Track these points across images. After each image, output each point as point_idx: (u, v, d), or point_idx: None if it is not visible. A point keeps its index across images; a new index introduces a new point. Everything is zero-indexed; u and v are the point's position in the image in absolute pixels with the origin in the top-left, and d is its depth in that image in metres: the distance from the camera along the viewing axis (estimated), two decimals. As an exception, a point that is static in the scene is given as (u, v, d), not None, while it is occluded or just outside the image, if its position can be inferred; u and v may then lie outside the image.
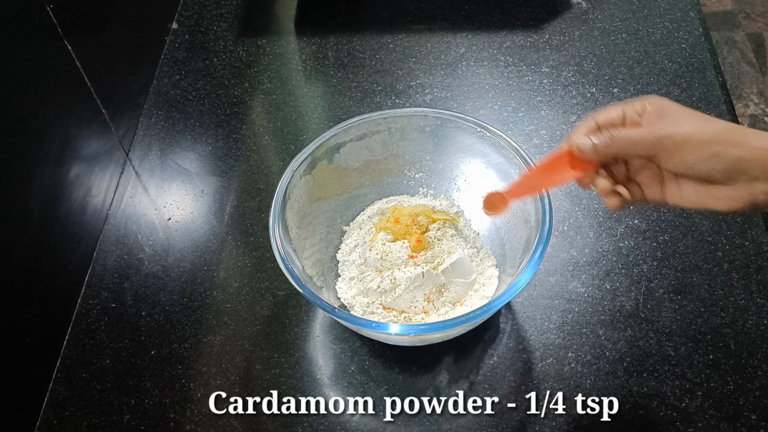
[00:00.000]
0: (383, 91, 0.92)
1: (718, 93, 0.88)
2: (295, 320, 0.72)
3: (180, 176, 0.85)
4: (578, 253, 0.75)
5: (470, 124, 0.71)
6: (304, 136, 0.88)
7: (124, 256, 0.78)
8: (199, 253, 0.78)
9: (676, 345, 0.68)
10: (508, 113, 0.88)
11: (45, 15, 0.69)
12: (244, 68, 0.96)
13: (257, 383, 0.68)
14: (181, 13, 1.03)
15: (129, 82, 0.89)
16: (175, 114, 0.91)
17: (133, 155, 0.87)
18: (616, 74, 0.91)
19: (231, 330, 0.72)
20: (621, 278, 0.73)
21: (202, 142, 0.88)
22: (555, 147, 0.84)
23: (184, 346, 0.71)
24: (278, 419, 0.66)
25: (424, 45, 0.97)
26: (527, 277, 0.60)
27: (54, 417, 0.67)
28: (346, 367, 0.69)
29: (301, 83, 0.95)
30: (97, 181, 0.79)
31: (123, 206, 0.82)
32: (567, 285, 0.73)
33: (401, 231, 0.69)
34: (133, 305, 0.74)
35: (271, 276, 0.75)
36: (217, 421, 0.66)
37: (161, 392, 0.68)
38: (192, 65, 0.96)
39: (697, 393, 0.65)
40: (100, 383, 0.69)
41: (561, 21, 0.98)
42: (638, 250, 0.75)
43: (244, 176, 0.84)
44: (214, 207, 0.82)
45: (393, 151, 0.76)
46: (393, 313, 0.67)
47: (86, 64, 0.75)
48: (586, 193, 0.80)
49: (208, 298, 0.74)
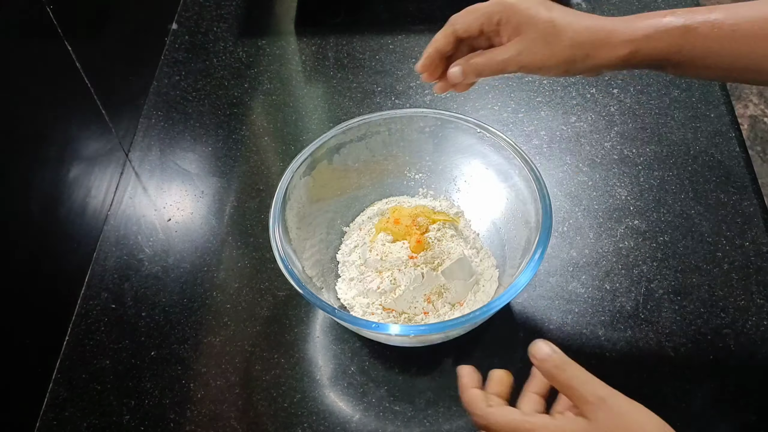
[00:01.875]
0: (383, 91, 0.92)
1: (717, 93, 0.88)
2: (295, 321, 0.72)
3: (180, 177, 0.85)
4: (578, 253, 0.75)
5: (470, 125, 0.71)
6: (304, 137, 0.88)
7: (124, 256, 0.78)
8: (199, 253, 0.78)
9: (676, 346, 0.68)
10: (507, 114, 0.88)
11: (45, 16, 0.69)
12: (244, 69, 0.96)
13: (257, 384, 0.68)
14: (181, 13, 1.03)
15: (129, 83, 0.89)
16: (175, 115, 0.91)
17: (133, 156, 0.87)
18: (615, 74, 0.91)
19: (231, 331, 0.72)
20: (621, 279, 0.73)
21: (202, 143, 0.88)
22: (554, 147, 0.84)
23: (184, 346, 0.71)
24: (278, 420, 0.66)
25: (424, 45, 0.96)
26: (527, 277, 0.60)
27: (54, 418, 0.67)
28: (346, 368, 0.69)
29: (301, 84, 0.95)
30: (96, 182, 0.79)
31: (123, 207, 0.82)
32: (567, 286, 0.73)
33: (401, 232, 0.69)
34: (133, 306, 0.74)
35: (271, 277, 0.75)
36: (217, 421, 0.66)
37: (161, 393, 0.68)
38: (192, 66, 0.96)
39: (697, 394, 0.65)
40: (100, 384, 0.69)
41: (561, 22, 0.98)
42: (638, 251, 0.75)
43: (244, 177, 0.84)
44: (214, 208, 0.82)
45: (393, 151, 0.76)
46: (393, 313, 0.67)
47: (86, 65, 0.75)
48: (586, 194, 0.80)
49: (208, 298, 0.74)
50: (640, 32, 0.54)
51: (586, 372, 0.48)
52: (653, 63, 0.55)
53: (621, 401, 0.46)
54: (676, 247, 0.75)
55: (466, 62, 0.59)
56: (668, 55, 0.54)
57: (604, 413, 0.46)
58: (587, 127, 0.86)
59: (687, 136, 0.84)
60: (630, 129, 0.86)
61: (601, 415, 0.46)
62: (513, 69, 0.58)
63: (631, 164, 0.82)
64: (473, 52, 0.60)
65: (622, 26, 0.54)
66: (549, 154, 0.84)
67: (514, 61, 0.57)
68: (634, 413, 0.46)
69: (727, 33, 0.52)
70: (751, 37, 0.52)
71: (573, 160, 0.83)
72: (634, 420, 0.46)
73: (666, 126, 0.85)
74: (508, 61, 0.57)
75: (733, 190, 0.79)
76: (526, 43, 0.56)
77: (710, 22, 0.53)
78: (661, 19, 0.54)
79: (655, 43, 0.54)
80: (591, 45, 0.55)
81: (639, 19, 0.55)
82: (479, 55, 0.59)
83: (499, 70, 0.58)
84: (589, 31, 0.55)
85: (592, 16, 0.56)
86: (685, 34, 0.53)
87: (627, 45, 0.54)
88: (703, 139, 0.84)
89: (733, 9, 0.53)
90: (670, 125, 0.86)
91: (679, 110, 0.87)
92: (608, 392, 0.47)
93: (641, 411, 0.46)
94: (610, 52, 0.54)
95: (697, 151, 0.83)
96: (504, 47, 0.57)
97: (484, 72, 0.59)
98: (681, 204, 0.78)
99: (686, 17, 0.53)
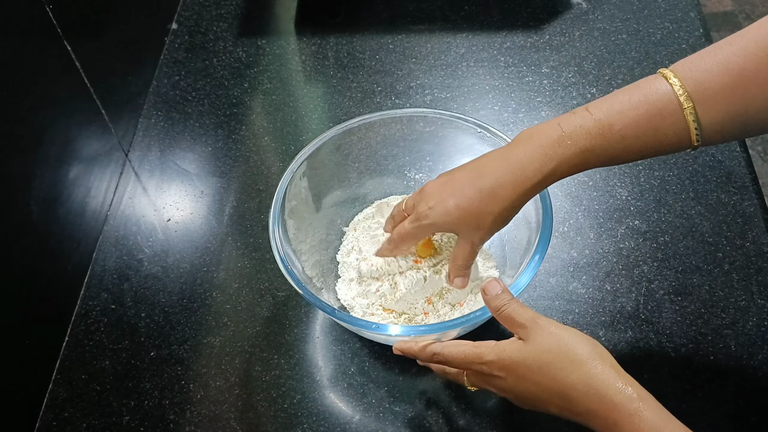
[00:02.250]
0: (383, 91, 0.92)
1: (718, 94, 0.88)
2: (295, 321, 0.72)
3: (179, 177, 0.85)
4: (578, 254, 0.75)
5: (470, 125, 0.71)
6: (304, 137, 0.87)
7: (123, 257, 0.78)
8: (199, 254, 0.77)
9: (676, 346, 0.68)
10: (508, 114, 0.88)
11: (45, 15, 0.68)
12: (243, 69, 0.95)
13: (257, 384, 0.68)
14: (181, 13, 1.03)
15: (128, 83, 0.89)
16: (174, 115, 0.91)
17: (133, 156, 0.87)
18: (616, 75, 0.91)
19: (231, 331, 0.72)
20: (621, 279, 0.73)
21: (202, 143, 0.88)
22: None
23: (183, 347, 0.71)
24: (278, 420, 0.66)
25: (424, 45, 0.97)
26: (527, 278, 0.60)
27: (53, 418, 0.67)
28: (346, 369, 0.69)
29: (301, 84, 0.94)
30: (96, 182, 0.79)
31: (122, 207, 0.82)
32: (567, 286, 0.73)
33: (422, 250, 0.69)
34: (132, 306, 0.74)
35: (271, 277, 0.75)
36: (216, 422, 0.66)
37: (161, 393, 0.68)
38: (192, 66, 0.96)
39: (698, 394, 0.65)
40: (100, 384, 0.69)
41: (561, 21, 0.98)
42: (639, 251, 0.75)
43: (243, 177, 0.84)
44: (213, 208, 0.82)
45: (393, 151, 0.76)
46: (393, 314, 0.67)
47: (86, 65, 0.75)
48: (587, 194, 0.80)
49: (207, 299, 0.74)
50: (547, 168, 0.55)
51: (525, 306, 0.54)
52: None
53: (552, 323, 0.52)
54: (677, 248, 0.75)
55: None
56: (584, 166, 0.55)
57: (537, 334, 0.52)
58: (587, 127, 0.86)
59: (687, 136, 0.84)
60: (630, 129, 0.85)
61: (535, 335, 0.52)
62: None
63: (632, 164, 0.82)
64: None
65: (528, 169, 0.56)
66: (549, 154, 0.84)
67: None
68: (564, 332, 0.51)
69: (617, 138, 0.53)
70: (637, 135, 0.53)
71: (573, 160, 0.83)
72: (565, 336, 0.51)
73: (666, 126, 0.85)
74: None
75: (733, 190, 0.79)
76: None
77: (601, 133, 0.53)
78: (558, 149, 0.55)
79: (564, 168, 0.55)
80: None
81: (534, 160, 0.55)
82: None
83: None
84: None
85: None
86: (585, 153, 0.54)
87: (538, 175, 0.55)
88: (703, 139, 0.84)
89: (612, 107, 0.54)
90: (670, 125, 0.85)
91: (680, 110, 0.87)
92: (540, 316, 0.53)
93: (571, 331, 0.51)
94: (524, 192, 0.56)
95: (697, 151, 0.83)
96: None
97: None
98: (681, 204, 0.78)
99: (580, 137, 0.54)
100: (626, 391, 0.48)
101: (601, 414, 0.48)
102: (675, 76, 0.52)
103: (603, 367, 0.49)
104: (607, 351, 0.51)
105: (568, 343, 0.51)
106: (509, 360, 0.52)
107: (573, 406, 0.49)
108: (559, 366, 0.50)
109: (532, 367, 0.51)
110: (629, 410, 0.47)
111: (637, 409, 0.47)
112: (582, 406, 0.49)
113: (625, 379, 0.49)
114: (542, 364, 0.51)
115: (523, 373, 0.52)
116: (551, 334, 0.51)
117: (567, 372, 0.50)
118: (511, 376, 0.52)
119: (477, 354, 0.54)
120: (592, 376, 0.49)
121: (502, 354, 0.53)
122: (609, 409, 0.47)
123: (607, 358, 0.50)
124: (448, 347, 0.56)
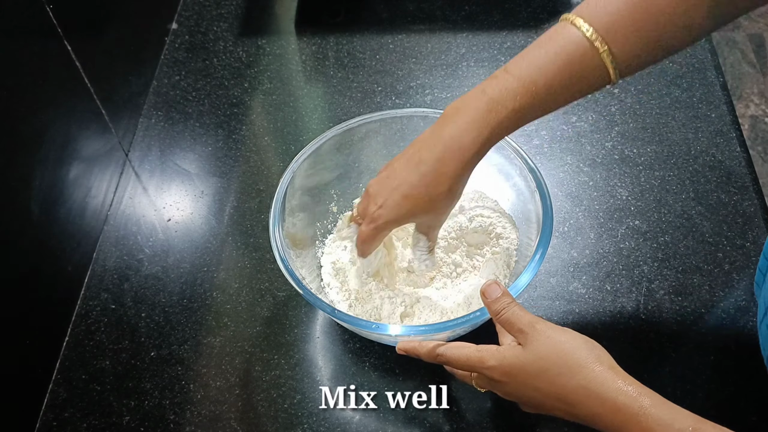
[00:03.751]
0: (383, 91, 0.92)
1: (718, 93, 0.88)
2: (295, 321, 0.72)
3: (180, 177, 0.85)
4: (579, 254, 0.75)
5: (471, 125, 0.70)
6: (304, 137, 0.87)
7: (123, 257, 0.78)
8: (199, 254, 0.77)
9: (676, 346, 0.68)
10: (508, 114, 0.88)
11: (45, 15, 0.68)
12: (243, 68, 0.95)
13: (257, 385, 0.68)
14: (181, 13, 1.03)
15: (129, 83, 0.89)
16: (174, 114, 0.91)
17: (133, 156, 0.87)
18: (616, 75, 0.91)
19: (231, 331, 0.72)
20: (622, 279, 0.73)
21: (202, 143, 0.88)
22: (555, 147, 0.84)
23: (183, 347, 0.71)
24: (278, 421, 0.66)
25: (425, 45, 0.97)
26: (528, 278, 0.60)
27: (53, 418, 0.67)
28: (346, 369, 0.69)
29: (301, 84, 0.94)
30: (96, 182, 0.79)
31: (123, 207, 0.82)
32: (568, 286, 0.73)
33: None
34: (132, 306, 0.74)
35: (271, 277, 0.75)
36: (216, 422, 0.66)
37: (161, 394, 0.68)
38: (192, 65, 0.96)
39: (698, 394, 0.65)
40: (100, 385, 0.69)
41: (561, 21, 0.97)
42: (639, 251, 0.75)
43: (244, 177, 0.84)
44: (213, 208, 0.82)
45: (393, 151, 0.75)
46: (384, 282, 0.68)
47: (86, 65, 0.75)
48: (587, 194, 0.80)
49: (207, 299, 0.74)
50: (482, 138, 0.55)
51: (525, 309, 0.54)
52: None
53: (550, 327, 0.52)
54: (677, 248, 0.75)
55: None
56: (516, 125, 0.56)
57: (535, 339, 0.51)
58: (588, 126, 0.86)
59: (688, 136, 0.84)
60: (631, 129, 0.85)
61: (533, 341, 0.52)
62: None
63: (632, 164, 0.82)
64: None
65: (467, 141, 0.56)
66: (550, 154, 0.84)
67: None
68: (562, 336, 0.51)
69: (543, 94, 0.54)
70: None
71: (574, 160, 0.83)
72: (563, 341, 0.51)
73: (667, 126, 0.85)
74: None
75: (733, 190, 0.79)
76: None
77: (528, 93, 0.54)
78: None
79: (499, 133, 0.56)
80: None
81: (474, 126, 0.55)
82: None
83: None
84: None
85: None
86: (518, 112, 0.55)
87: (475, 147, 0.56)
88: (704, 139, 0.84)
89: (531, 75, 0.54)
90: (671, 125, 0.85)
91: (680, 110, 0.87)
92: (538, 320, 0.53)
93: (570, 334, 0.52)
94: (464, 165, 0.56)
95: (698, 151, 0.83)
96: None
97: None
98: (682, 204, 0.78)
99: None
100: (627, 390, 0.48)
101: (606, 416, 0.48)
102: (585, 21, 0.53)
103: (601, 369, 0.49)
104: (606, 352, 0.51)
105: (565, 347, 0.50)
106: (509, 366, 0.52)
107: (577, 410, 0.49)
108: (557, 372, 0.50)
109: (531, 373, 0.51)
110: (634, 409, 0.47)
111: (641, 407, 0.47)
112: (585, 410, 0.49)
113: (624, 379, 0.48)
114: (540, 370, 0.51)
115: (524, 379, 0.52)
116: (549, 339, 0.51)
117: (566, 377, 0.50)
118: (513, 381, 0.52)
119: (479, 358, 0.54)
120: (591, 379, 0.49)
121: (503, 360, 0.53)
122: (612, 411, 0.47)
123: (605, 360, 0.50)
124: (451, 349, 0.56)
